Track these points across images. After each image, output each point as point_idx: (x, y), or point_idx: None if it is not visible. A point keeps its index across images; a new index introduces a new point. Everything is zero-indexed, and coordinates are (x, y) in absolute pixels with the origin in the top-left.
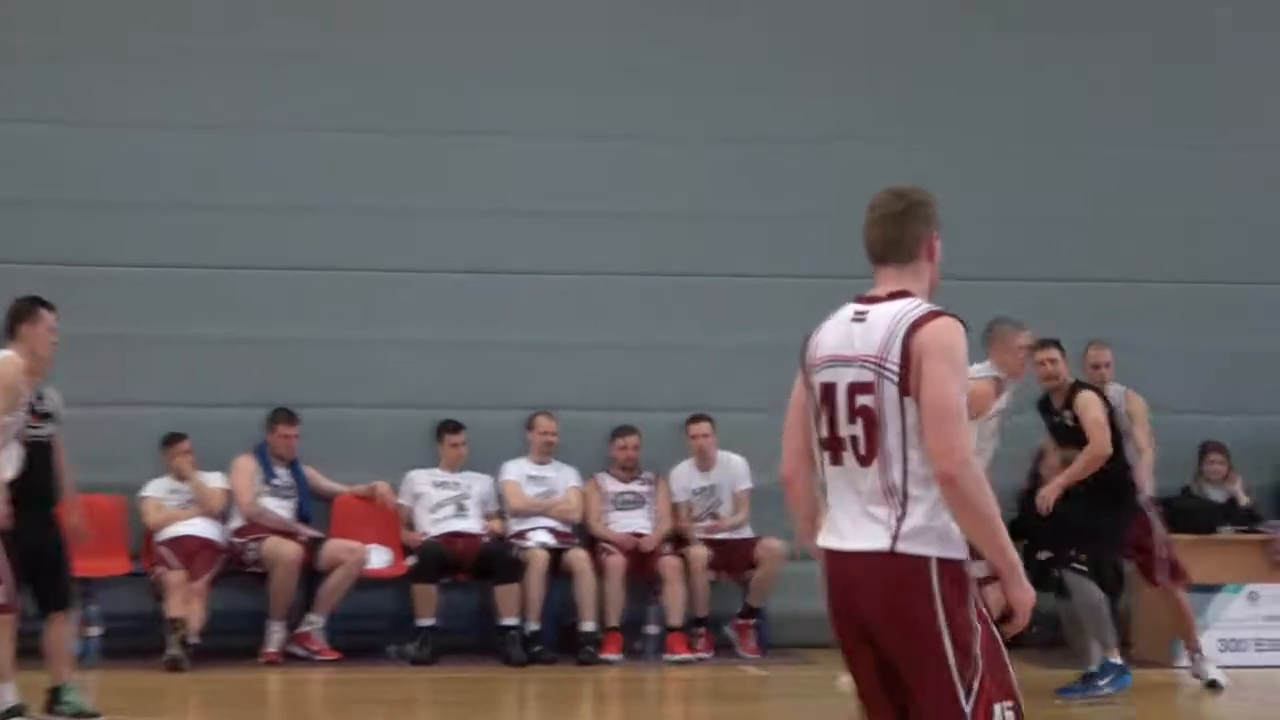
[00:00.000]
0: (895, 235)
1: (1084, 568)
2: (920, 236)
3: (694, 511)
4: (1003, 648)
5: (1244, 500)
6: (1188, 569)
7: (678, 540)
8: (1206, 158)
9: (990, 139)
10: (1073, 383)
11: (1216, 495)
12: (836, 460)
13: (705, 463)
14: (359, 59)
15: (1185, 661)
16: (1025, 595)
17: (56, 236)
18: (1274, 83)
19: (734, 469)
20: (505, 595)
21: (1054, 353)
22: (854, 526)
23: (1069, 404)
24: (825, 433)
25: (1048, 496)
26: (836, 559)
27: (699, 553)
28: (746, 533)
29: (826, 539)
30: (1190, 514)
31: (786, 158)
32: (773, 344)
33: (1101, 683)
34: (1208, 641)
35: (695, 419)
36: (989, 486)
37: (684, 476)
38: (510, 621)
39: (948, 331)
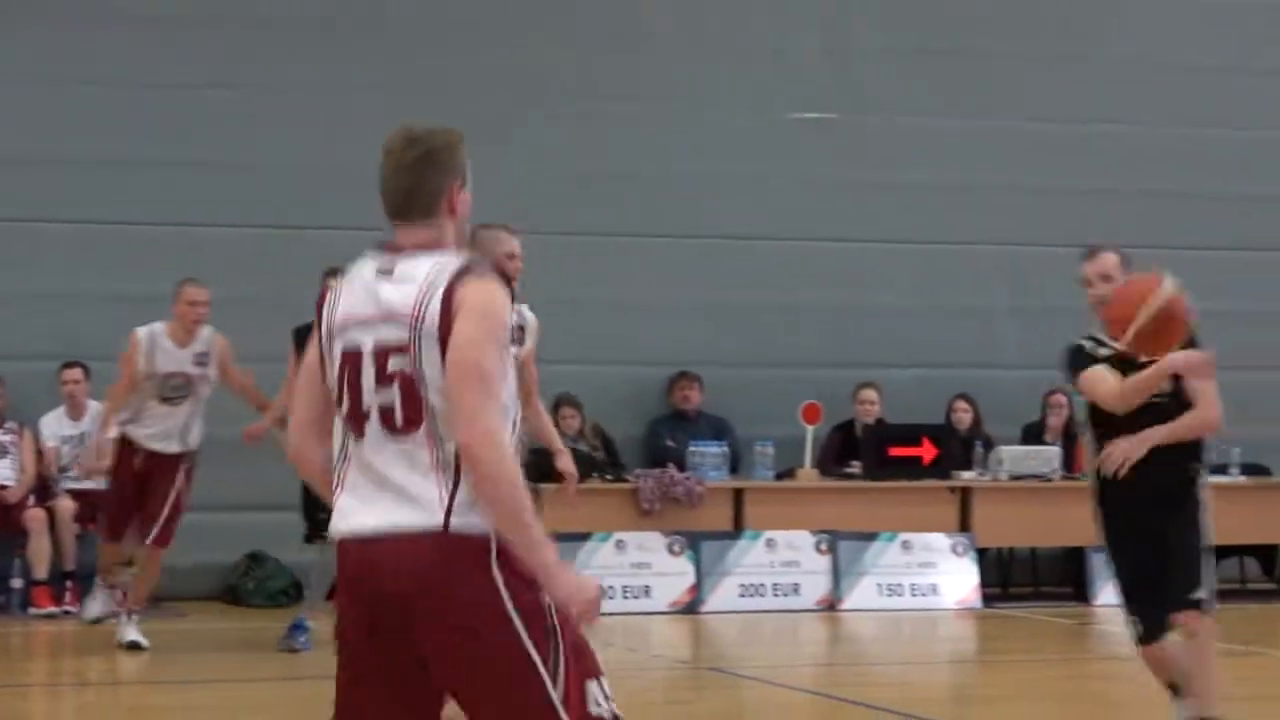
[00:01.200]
0: (411, 185)
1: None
2: (440, 187)
3: (62, 460)
4: (578, 626)
5: (599, 453)
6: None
7: (44, 492)
8: None
9: None
10: None
11: (581, 446)
12: (359, 433)
13: (76, 411)
14: None
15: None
16: (569, 588)
17: None
18: None
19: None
20: None
21: None
22: (388, 507)
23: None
24: (347, 406)
25: None
26: (363, 548)
27: (65, 504)
28: None
29: (346, 524)
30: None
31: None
32: (145, 294)
33: (302, 638)
34: None
35: (68, 365)
36: (517, 468)
37: (54, 424)
38: None
39: (491, 292)
